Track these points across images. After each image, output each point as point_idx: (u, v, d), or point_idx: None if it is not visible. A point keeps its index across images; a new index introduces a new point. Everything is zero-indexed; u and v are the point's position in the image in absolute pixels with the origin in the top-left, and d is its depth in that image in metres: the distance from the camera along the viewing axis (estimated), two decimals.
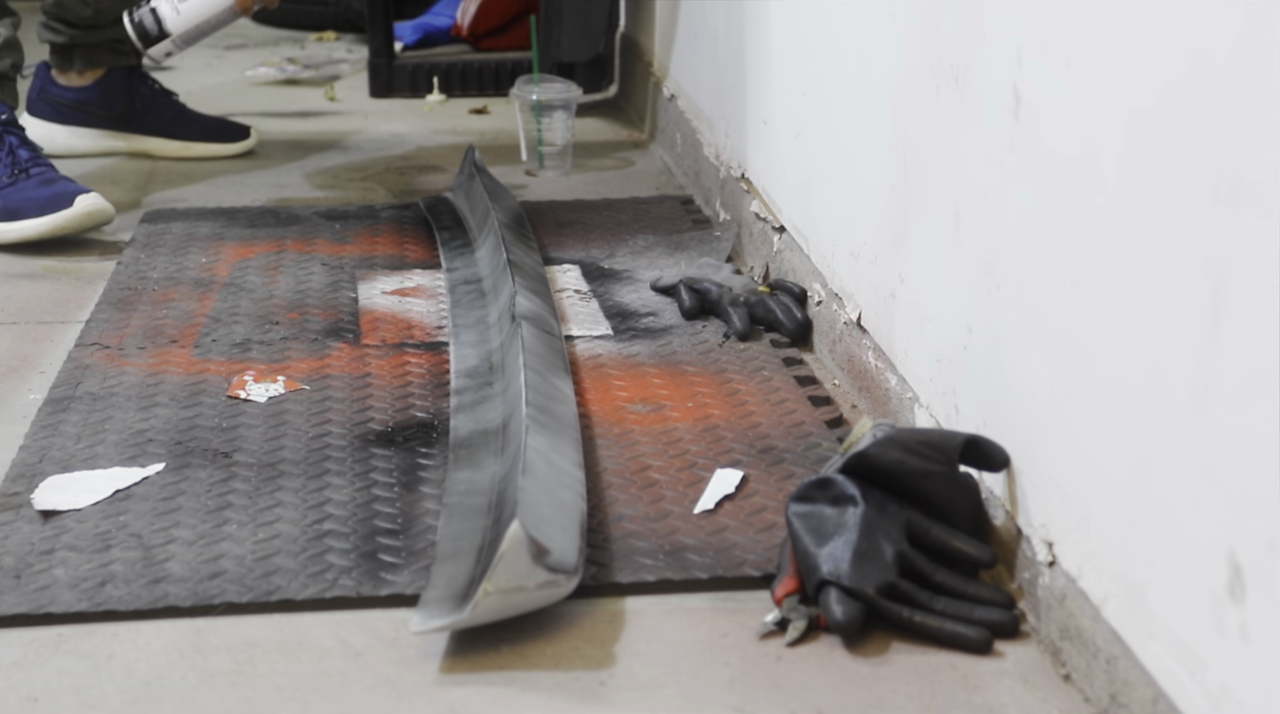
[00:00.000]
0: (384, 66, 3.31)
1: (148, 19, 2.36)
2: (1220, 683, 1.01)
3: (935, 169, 1.51)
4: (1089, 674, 1.18)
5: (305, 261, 2.20)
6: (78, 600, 1.31)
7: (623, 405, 1.71)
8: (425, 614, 1.25)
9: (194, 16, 2.37)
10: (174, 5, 2.36)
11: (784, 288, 1.96)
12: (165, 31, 2.36)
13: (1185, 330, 1.03)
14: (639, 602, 1.33)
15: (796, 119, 1.99)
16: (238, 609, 1.31)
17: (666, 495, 1.50)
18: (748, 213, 2.19)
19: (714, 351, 1.86)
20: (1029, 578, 1.28)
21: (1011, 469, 1.32)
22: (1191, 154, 1.02)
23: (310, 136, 2.99)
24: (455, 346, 1.85)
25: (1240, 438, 0.98)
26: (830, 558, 1.27)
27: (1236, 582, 0.98)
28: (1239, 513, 0.98)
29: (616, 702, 1.20)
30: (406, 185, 2.64)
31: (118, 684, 1.22)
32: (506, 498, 1.39)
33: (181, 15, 2.36)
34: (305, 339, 1.90)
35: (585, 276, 2.14)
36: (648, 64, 3.01)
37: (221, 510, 1.47)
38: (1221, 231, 0.99)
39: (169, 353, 1.86)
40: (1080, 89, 1.19)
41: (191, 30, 2.37)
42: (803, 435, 1.63)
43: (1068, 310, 1.22)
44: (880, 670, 1.22)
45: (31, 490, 1.50)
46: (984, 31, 1.38)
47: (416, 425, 1.66)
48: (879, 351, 1.67)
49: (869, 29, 1.70)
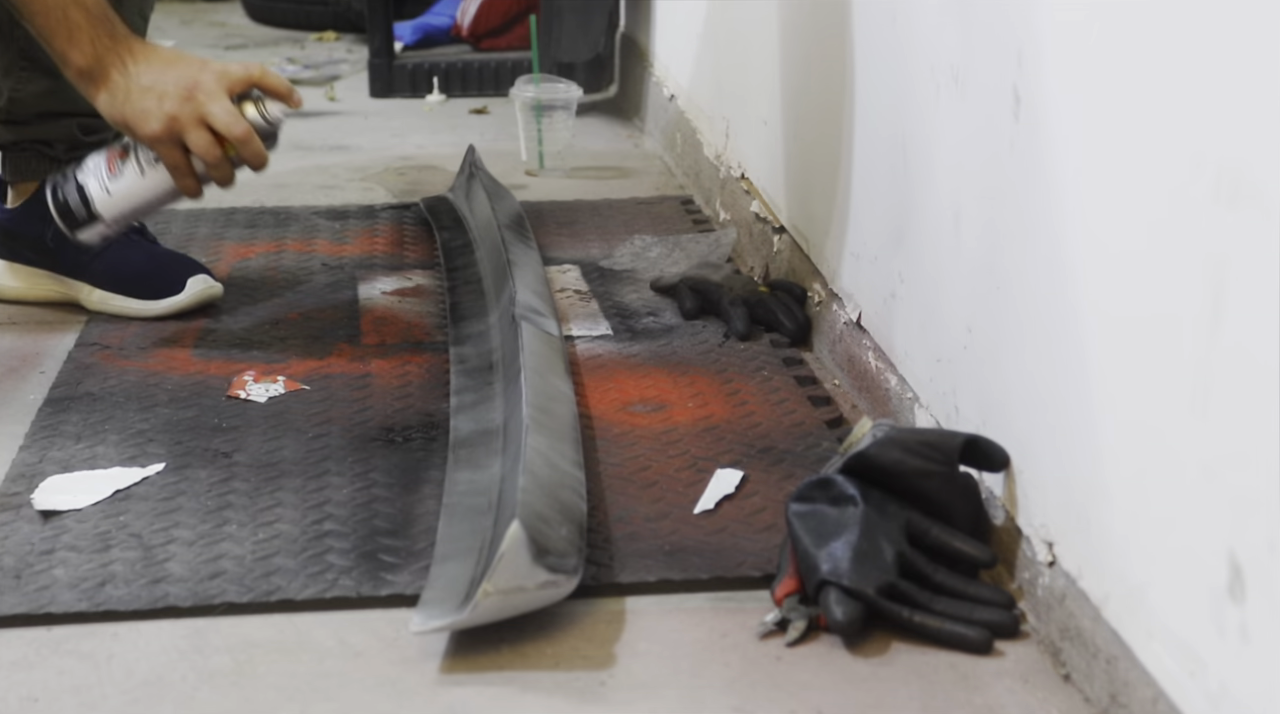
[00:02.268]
0: (384, 66, 3.31)
1: (72, 196, 1.79)
2: (1220, 683, 1.01)
3: (935, 169, 1.51)
4: (1089, 674, 1.18)
5: (305, 261, 2.20)
6: (78, 600, 1.31)
7: (623, 405, 1.71)
8: (425, 614, 1.25)
9: (129, 198, 1.79)
10: (103, 183, 1.78)
11: (784, 288, 1.96)
12: (94, 214, 1.79)
13: (1185, 330, 1.03)
14: (639, 602, 1.33)
15: (797, 119, 1.99)
16: (238, 609, 1.31)
17: (666, 495, 1.50)
18: (748, 213, 2.19)
19: (714, 351, 1.86)
20: (1029, 578, 1.28)
21: (1011, 469, 1.32)
22: (1191, 154, 1.02)
23: (310, 136, 2.99)
24: (455, 347, 1.85)
25: (1240, 438, 0.98)
26: (830, 558, 1.27)
27: (1236, 582, 0.98)
28: (1239, 513, 0.98)
29: (616, 702, 1.20)
30: (406, 185, 2.64)
31: (118, 684, 1.22)
32: (506, 498, 1.38)
33: (113, 196, 1.78)
34: (305, 339, 1.90)
35: (585, 276, 2.14)
36: (648, 64, 3.01)
37: (221, 510, 1.47)
38: (1221, 231, 0.99)
39: (169, 353, 1.86)
40: (1080, 89, 1.19)
41: (127, 213, 1.81)
42: (803, 435, 1.63)
43: (1068, 310, 1.22)
44: (880, 670, 1.22)
45: (31, 490, 1.50)
46: (984, 31, 1.38)
47: (416, 425, 1.66)
48: (879, 351, 1.67)
49: (869, 29, 1.70)
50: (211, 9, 4.52)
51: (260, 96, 1.75)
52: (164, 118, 1.71)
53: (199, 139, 1.71)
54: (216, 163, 1.74)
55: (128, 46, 1.72)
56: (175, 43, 3.95)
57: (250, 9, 4.29)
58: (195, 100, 1.71)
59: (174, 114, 1.71)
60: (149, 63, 1.72)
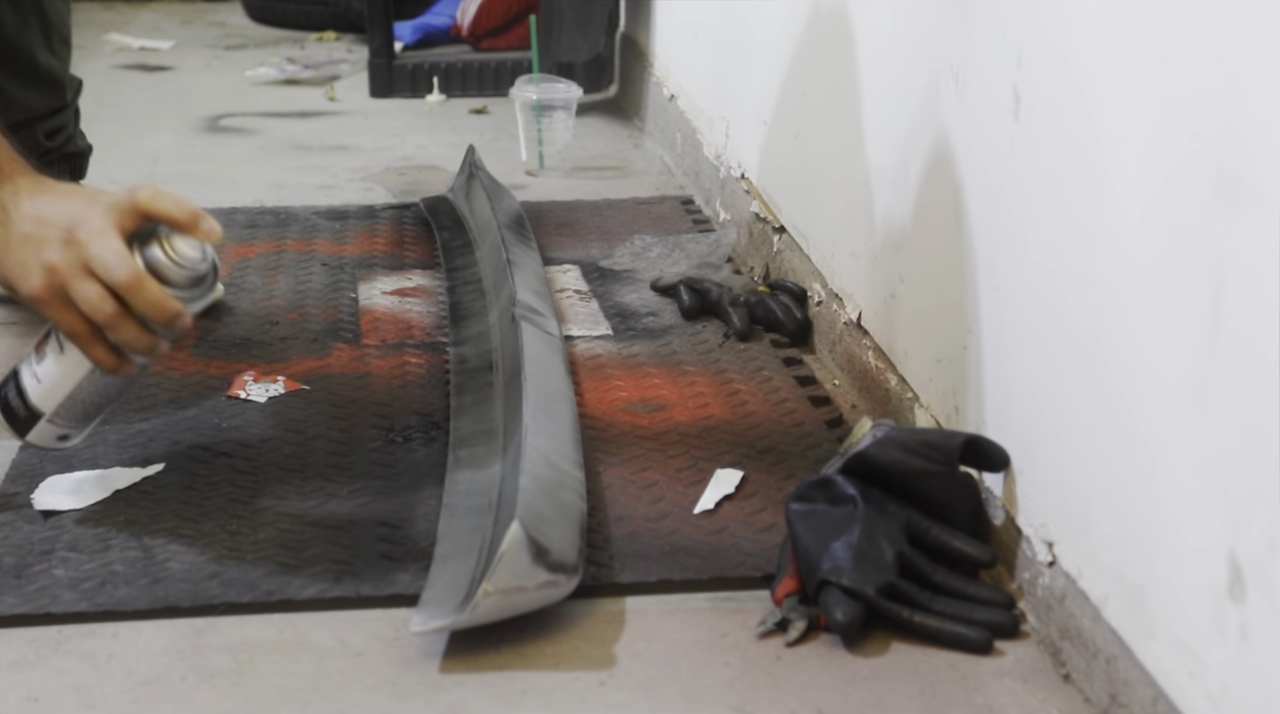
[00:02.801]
0: (384, 66, 3.31)
1: (11, 392, 1.44)
2: (1220, 683, 1.01)
3: (935, 169, 1.51)
4: (1089, 674, 1.18)
5: (305, 261, 2.20)
6: (78, 600, 1.31)
7: (623, 405, 1.71)
8: (425, 614, 1.25)
9: (60, 385, 1.42)
10: (32, 371, 1.43)
11: (784, 288, 1.96)
12: (33, 410, 1.43)
13: (1185, 330, 1.03)
14: (639, 602, 1.33)
15: (796, 119, 1.99)
16: (238, 609, 1.31)
17: (666, 495, 1.50)
18: (748, 213, 2.19)
19: (714, 351, 1.86)
20: (1029, 578, 1.28)
21: (1011, 469, 1.32)
22: (1191, 154, 1.02)
23: (310, 136, 2.99)
24: (455, 347, 1.85)
25: (1240, 437, 0.98)
26: (830, 558, 1.27)
27: (1236, 582, 0.98)
28: (1239, 513, 0.98)
29: (616, 702, 1.20)
30: (406, 185, 2.64)
31: (118, 684, 1.22)
32: (506, 498, 1.39)
33: (43, 384, 1.42)
34: (305, 339, 1.90)
35: (585, 276, 2.14)
36: (648, 64, 3.01)
37: (221, 510, 1.47)
38: (1221, 231, 0.99)
39: (169, 353, 1.85)
40: (1080, 89, 1.19)
41: (66, 404, 1.43)
42: (803, 435, 1.63)
43: (1068, 310, 1.22)
44: (880, 670, 1.22)
45: (31, 490, 1.50)
46: (984, 31, 1.38)
47: (416, 425, 1.66)
48: (879, 352, 1.67)
49: (869, 29, 1.70)
50: (211, 9, 4.52)
51: (167, 233, 1.35)
52: (42, 270, 1.33)
53: (85, 292, 1.33)
54: (110, 322, 1.34)
55: (13, 186, 1.36)
56: (175, 43, 3.95)
57: (250, 9, 4.29)
58: (76, 243, 1.33)
59: (52, 265, 1.33)
60: (35, 202, 1.36)
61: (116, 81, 3.53)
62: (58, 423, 1.45)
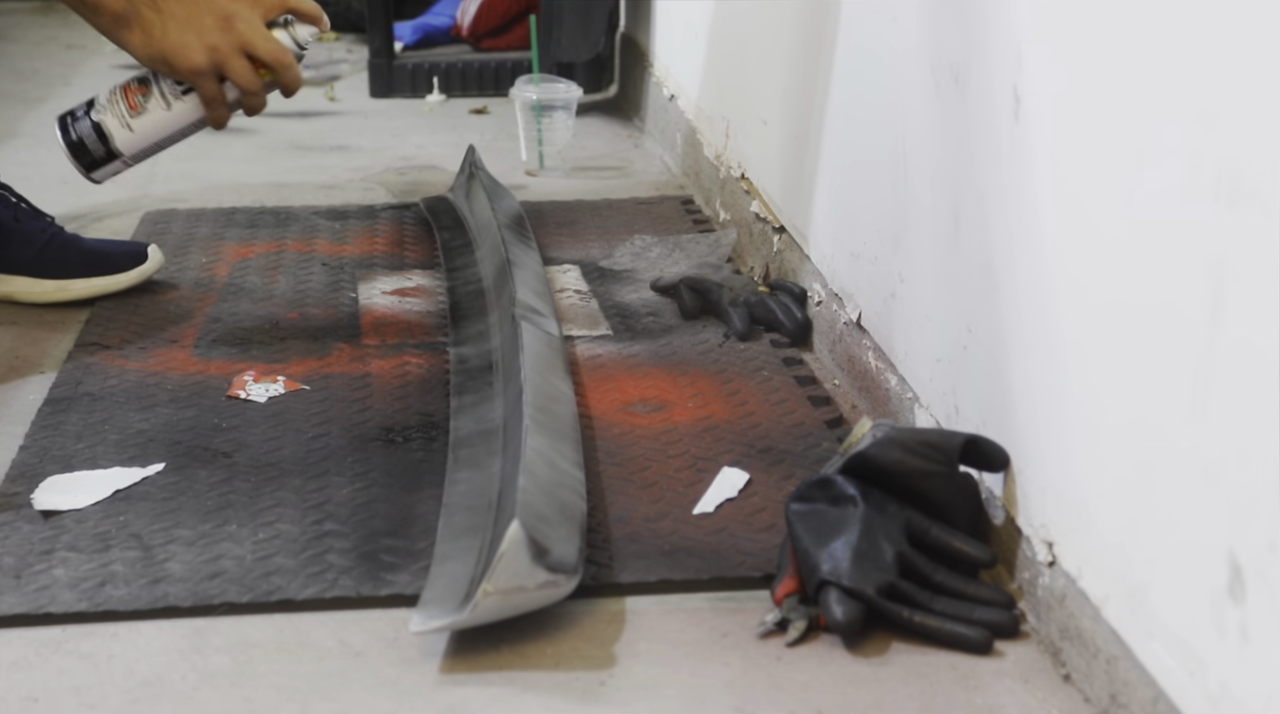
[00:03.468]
0: (384, 66, 3.31)
1: (89, 136, 1.79)
2: (1220, 683, 1.01)
3: (935, 169, 1.51)
4: (1089, 674, 1.18)
5: (305, 261, 2.20)
6: (78, 600, 1.31)
7: (623, 405, 1.71)
8: (425, 614, 1.25)
9: (153, 133, 1.80)
10: (123, 120, 1.78)
11: (784, 288, 1.96)
12: (114, 152, 1.79)
13: (1185, 330, 1.03)
14: (639, 602, 1.33)
15: (796, 119, 1.99)
16: (238, 609, 1.31)
17: (666, 495, 1.50)
18: (748, 213, 2.19)
19: (714, 351, 1.86)
20: (1029, 578, 1.28)
21: (1011, 469, 1.32)
22: (1191, 154, 1.02)
23: (310, 136, 2.99)
24: (455, 347, 1.85)
25: (1240, 437, 0.98)
26: (830, 558, 1.27)
27: (1236, 582, 0.98)
28: (1239, 513, 0.98)
29: (616, 702, 1.20)
30: (406, 185, 2.64)
31: (118, 684, 1.22)
32: (506, 498, 1.38)
33: (136, 133, 1.79)
34: (305, 339, 1.90)
35: (585, 276, 2.14)
36: (648, 64, 3.01)
37: (221, 510, 1.47)
38: (1221, 231, 0.99)
39: (169, 353, 1.86)
40: (1080, 89, 1.19)
41: (148, 148, 1.81)
42: (803, 435, 1.63)
43: (1068, 310, 1.22)
44: (880, 670, 1.22)
45: (31, 490, 1.50)
46: (984, 31, 1.38)
47: (416, 425, 1.66)
48: (879, 352, 1.67)
49: (869, 29, 1.70)
50: None
51: (291, 21, 1.78)
52: (205, 49, 1.73)
53: (240, 68, 1.75)
54: (257, 91, 1.77)
55: None
56: None
57: None
58: (235, 30, 1.74)
59: (215, 45, 1.73)
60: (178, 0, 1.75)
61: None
62: (128, 162, 1.81)
